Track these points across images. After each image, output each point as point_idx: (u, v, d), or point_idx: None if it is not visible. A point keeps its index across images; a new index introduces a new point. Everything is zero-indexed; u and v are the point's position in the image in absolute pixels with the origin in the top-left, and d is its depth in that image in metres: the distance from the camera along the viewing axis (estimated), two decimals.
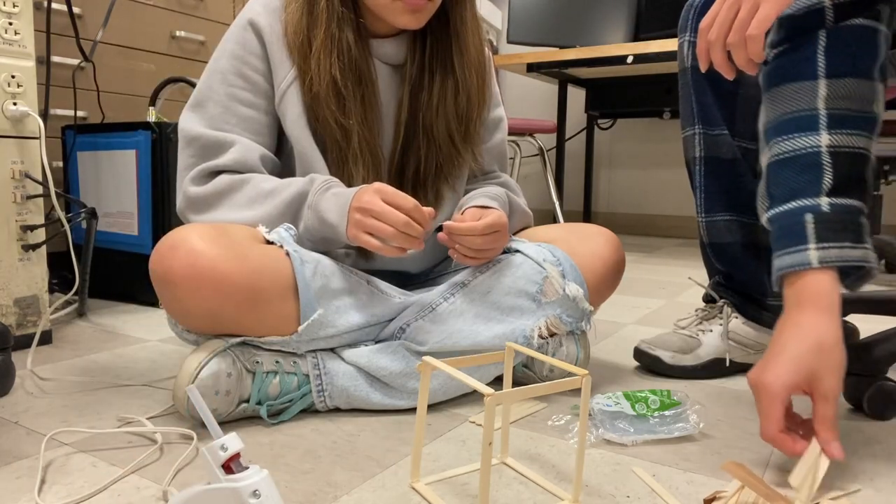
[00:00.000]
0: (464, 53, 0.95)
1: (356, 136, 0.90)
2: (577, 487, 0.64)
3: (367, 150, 0.91)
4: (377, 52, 0.94)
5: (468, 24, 0.95)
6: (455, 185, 1.00)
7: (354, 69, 0.90)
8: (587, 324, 0.97)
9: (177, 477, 0.68)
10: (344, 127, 0.89)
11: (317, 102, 0.89)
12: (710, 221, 1.05)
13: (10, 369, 0.95)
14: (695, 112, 1.01)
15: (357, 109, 0.90)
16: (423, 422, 0.67)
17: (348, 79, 0.89)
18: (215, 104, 0.91)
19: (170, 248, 0.78)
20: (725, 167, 1.01)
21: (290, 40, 0.90)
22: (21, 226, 1.15)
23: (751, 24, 0.66)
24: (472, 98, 0.96)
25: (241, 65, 0.91)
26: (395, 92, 0.96)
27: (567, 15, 2.93)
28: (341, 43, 0.88)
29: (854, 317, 1.25)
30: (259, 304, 0.80)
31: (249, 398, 0.82)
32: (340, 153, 0.91)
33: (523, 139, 2.98)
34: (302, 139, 0.91)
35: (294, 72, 0.90)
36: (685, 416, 0.82)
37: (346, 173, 0.91)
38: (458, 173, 0.99)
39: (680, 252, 2.74)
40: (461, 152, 0.97)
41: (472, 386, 0.59)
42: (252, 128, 0.92)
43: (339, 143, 0.90)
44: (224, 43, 0.93)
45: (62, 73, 1.68)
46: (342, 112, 0.89)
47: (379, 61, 0.94)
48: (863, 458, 0.76)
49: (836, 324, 0.68)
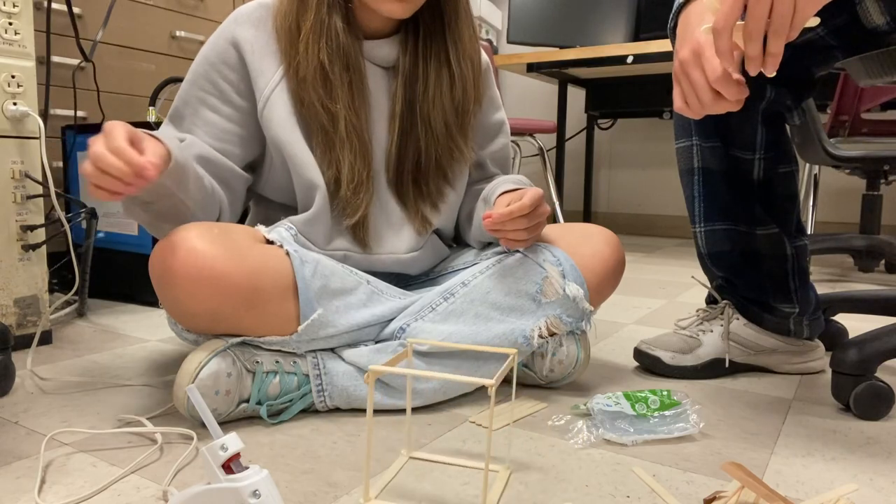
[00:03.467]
0: (458, 45, 0.95)
1: (343, 121, 0.89)
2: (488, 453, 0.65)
3: (355, 135, 0.90)
4: (369, 54, 0.94)
5: (461, 15, 0.95)
6: (455, 185, 1.00)
7: (342, 55, 0.89)
8: (587, 324, 0.97)
9: (177, 477, 0.68)
10: (330, 110, 0.89)
11: (303, 86, 0.89)
12: (709, 231, 1.04)
13: (10, 369, 0.95)
14: (691, 124, 1.01)
15: (344, 95, 0.90)
16: (372, 438, 0.68)
17: (336, 64, 0.89)
18: (187, 107, 0.93)
19: (169, 247, 0.78)
20: (722, 177, 1.01)
21: (278, 26, 0.90)
22: (21, 226, 1.15)
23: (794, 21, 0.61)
24: (467, 90, 0.96)
25: (212, 71, 0.92)
26: (387, 88, 0.96)
27: (567, 15, 2.93)
28: (330, 29, 0.88)
29: (846, 316, 1.25)
30: (259, 303, 0.80)
31: (249, 398, 0.82)
32: (327, 137, 0.90)
33: (523, 139, 2.98)
34: (291, 141, 0.90)
35: (281, 70, 0.90)
36: (685, 416, 0.82)
37: (332, 159, 0.90)
38: (457, 168, 0.99)
39: (680, 252, 2.74)
40: (459, 145, 0.97)
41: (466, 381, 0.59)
42: (212, 132, 0.92)
43: (326, 126, 0.90)
44: (203, 48, 0.94)
45: (62, 73, 1.68)
46: (329, 96, 0.89)
47: (370, 63, 0.94)
48: (862, 458, 0.76)
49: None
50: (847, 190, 2.98)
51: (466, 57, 0.96)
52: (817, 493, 0.68)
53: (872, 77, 0.95)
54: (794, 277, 1.03)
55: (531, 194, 0.87)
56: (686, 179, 1.04)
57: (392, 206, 0.96)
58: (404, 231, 0.97)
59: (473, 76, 0.97)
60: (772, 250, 1.02)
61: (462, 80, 0.95)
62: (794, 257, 1.03)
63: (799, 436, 0.83)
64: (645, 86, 3.02)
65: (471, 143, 1.00)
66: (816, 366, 1.08)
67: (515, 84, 3.75)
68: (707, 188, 1.02)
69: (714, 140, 1.00)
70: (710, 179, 1.02)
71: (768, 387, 1.01)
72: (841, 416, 0.89)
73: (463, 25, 0.95)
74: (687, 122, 1.01)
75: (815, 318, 1.06)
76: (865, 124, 2.20)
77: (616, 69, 2.80)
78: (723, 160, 1.00)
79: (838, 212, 3.01)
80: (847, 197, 2.98)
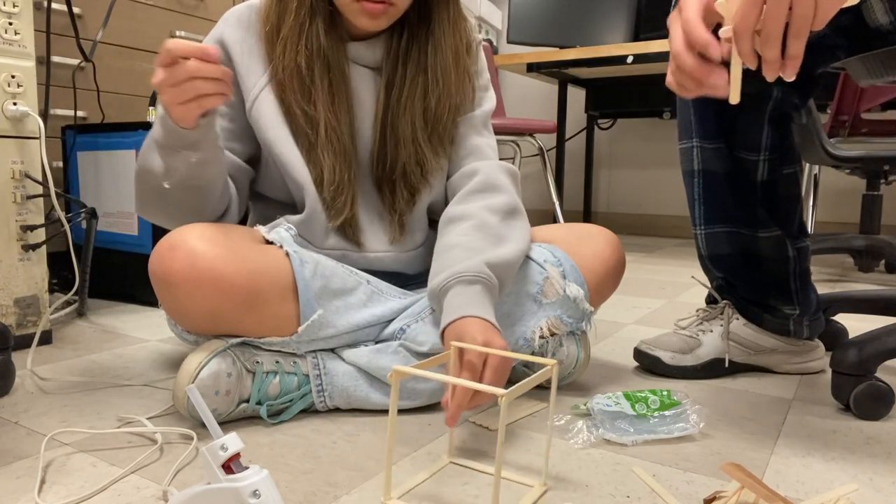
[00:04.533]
0: (438, 53, 0.93)
1: (323, 124, 0.89)
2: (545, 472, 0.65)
3: (336, 137, 0.90)
4: (355, 55, 0.93)
5: (447, 22, 0.94)
6: (432, 182, 0.96)
7: (322, 57, 0.89)
8: (588, 324, 0.97)
9: (177, 477, 0.68)
10: (307, 114, 0.89)
11: (282, 89, 0.89)
12: (709, 233, 1.04)
13: (10, 369, 0.95)
14: (693, 125, 1.00)
15: (324, 98, 0.89)
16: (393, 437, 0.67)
17: (314, 67, 0.89)
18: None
19: (169, 248, 0.78)
20: (724, 179, 1.01)
21: (260, 29, 0.91)
22: (21, 226, 1.15)
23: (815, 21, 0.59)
24: (441, 99, 0.94)
25: None
26: (374, 89, 0.95)
27: (567, 15, 2.93)
28: (310, 32, 0.88)
29: (846, 316, 1.25)
30: (259, 304, 0.80)
31: (249, 398, 0.82)
32: (308, 139, 0.90)
33: (523, 139, 2.98)
34: (279, 141, 0.90)
35: (269, 73, 0.90)
36: (685, 416, 0.82)
37: (315, 160, 0.90)
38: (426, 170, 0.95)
39: (680, 252, 2.74)
40: (425, 152, 0.94)
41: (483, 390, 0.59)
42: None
43: (306, 129, 0.90)
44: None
45: (62, 73, 1.68)
46: (307, 99, 0.89)
47: (356, 63, 0.94)
48: (862, 458, 0.76)
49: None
50: (847, 190, 2.98)
51: (447, 65, 0.93)
52: (817, 493, 0.68)
53: (873, 76, 0.95)
54: (796, 279, 1.03)
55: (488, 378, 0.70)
56: (687, 181, 1.04)
57: (380, 206, 0.96)
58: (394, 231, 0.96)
59: (454, 85, 0.94)
60: (773, 253, 1.02)
61: (437, 89, 0.93)
62: (796, 259, 1.02)
63: (799, 436, 0.83)
64: (645, 86, 3.02)
65: (442, 151, 0.96)
66: (816, 366, 1.08)
67: (515, 84, 3.75)
68: (707, 191, 1.02)
69: (718, 141, 0.99)
70: (710, 182, 1.02)
71: (768, 387, 1.01)
72: (841, 416, 0.89)
73: (449, 35, 0.94)
74: (689, 122, 1.01)
75: (816, 319, 1.06)
76: (865, 124, 2.20)
77: (616, 69, 2.80)
78: (726, 162, 1.00)
79: (838, 212, 3.01)
80: (847, 197, 2.98)
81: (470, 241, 0.86)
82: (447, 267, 0.83)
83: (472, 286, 0.80)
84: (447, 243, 0.88)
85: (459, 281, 0.80)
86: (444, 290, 0.81)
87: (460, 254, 0.84)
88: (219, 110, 0.91)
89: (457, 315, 0.77)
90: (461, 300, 0.79)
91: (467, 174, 0.97)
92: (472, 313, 0.77)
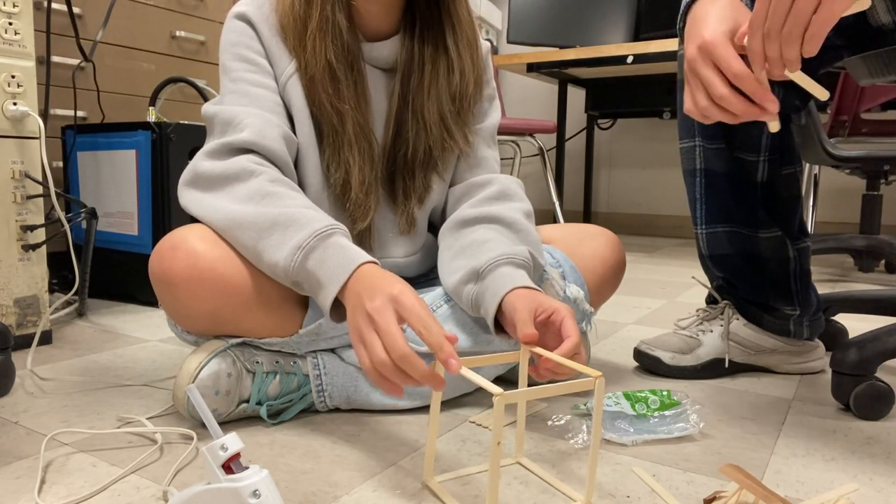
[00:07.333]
0: (456, 28, 0.92)
1: (350, 121, 0.88)
2: (591, 488, 0.64)
3: (362, 135, 0.89)
4: (368, 56, 0.93)
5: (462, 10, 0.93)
6: (444, 175, 0.97)
7: (347, 54, 0.88)
8: (588, 325, 0.97)
9: (177, 477, 0.68)
10: (339, 111, 0.88)
11: (313, 86, 0.87)
12: (710, 233, 1.04)
13: (10, 369, 0.95)
14: (695, 125, 1.00)
15: (350, 94, 0.88)
16: (437, 419, 0.67)
17: (342, 63, 0.88)
18: (228, 93, 0.89)
19: (170, 249, 0.78)
20: (725, 179, 1.01)
21: (283, 24, 0.88)
22: (21, 226, 1.15)
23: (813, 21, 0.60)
24: (465, 73, 0.93)
25: (240, 49, 0.89)
26: (385, 90, 0.94)
27: (567, 15, 2.93)
28: (335, 27, 0.87)
29: (846, 316, 1.25)
30: (259, 306, 0.80)
31: (249, 398, 0.82)
32: (337, 138, 0.89)
33: (523, 139, 2.98)
34: (303, 131, 0.89)
35: (294, 64, 0.90)
36: (685, 416, 0.82)
37: (342, 160, 0.89)
38: (449, 158, 0.96)
39: (680, 252, 2.74)
40: (453, 134, 0.93)
41: (483, 386, 0.59)
42: (265, 105, 0.88)
43: (336, 127, 0.88)
44: (221, 43, 0.92)
45: (62, 73, 1.68)
46: (337, 96, 0.87)
47: (370, 66, 0.93)
48: (862, 458, 0.76)
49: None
50: (847, 190, 2.98)
51: (464, 39, 0.93)
52: (817, 493, 0.68)
53: (875, 76, 0.95)
54: (796, 279, 1.03)
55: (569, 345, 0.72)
56: (689, 180, 1.04)
57: (386, 209, 0.95)
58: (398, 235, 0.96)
59: (472, 58, 0.94)
60: (774, 253, 1.02)
61: (461, 66, 0.93)
62: (797, 259, 1.02)
63: (799, 436, 0.83)
64: (645, 86, 3.02)
65: (469, 130, 0.96)
66: (816, 366, 1.08)
67: (515, 84, 3.75)
68: (709, 190, 1.02)
69: (718, 141, 0.99)
70: (712, 181, 1.02)
71: (768, 387, 1.01)
72: (841, 416, 0.89)
73: (460, 6, 0.93)
74: (691, 122, 1.01)
75: (816, 319, 1.06)
76: (865, 124, 2.20)
77: (616, 69, 2.80)
78: (727, 162, 1.00)
79: (838, 212, 3.01)
80: (847, 197, 2.98)
81: (505, 236, 0.88)
82: (486, 252, 0.84)
83: (519, 270, 0.82)
84: (476, 238, 0.88)
85: (509, 262, 0.82)
86: (494, 267, 0.82)
87: (501, 242, 0.86)
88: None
89: (520, 283, 0.79)
90: (519, 274, 0.81)
91: (481, 184, 0.97)
92: (533, 287, 0.80)
